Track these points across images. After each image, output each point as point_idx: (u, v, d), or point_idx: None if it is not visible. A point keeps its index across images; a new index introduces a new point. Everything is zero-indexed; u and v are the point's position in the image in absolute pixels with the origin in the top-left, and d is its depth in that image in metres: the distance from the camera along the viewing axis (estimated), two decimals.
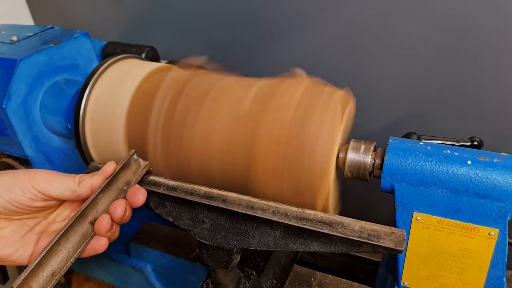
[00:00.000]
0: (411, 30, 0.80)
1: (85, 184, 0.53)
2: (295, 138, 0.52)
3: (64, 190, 0.52)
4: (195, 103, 0.57)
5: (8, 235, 0.52)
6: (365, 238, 0.46)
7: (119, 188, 0.56)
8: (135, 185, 0.56)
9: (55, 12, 1.20)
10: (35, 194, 0.51)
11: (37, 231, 0.54)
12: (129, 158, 0.58)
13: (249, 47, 0.98)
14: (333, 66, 0.90)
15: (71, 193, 0.53)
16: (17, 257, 0.51)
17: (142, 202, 0.55)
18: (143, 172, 0.58)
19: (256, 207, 0.52)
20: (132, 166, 0.58)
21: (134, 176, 0.57)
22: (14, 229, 0.52)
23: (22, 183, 0.51)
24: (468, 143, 0.60)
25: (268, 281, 0.69)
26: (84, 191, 0.53)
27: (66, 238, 0.50)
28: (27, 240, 0.52)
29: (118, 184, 0.56)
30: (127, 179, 0.57)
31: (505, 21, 0.73)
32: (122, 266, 1.03)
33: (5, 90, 0.71)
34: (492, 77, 0.78)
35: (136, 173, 0.58)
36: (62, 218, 0.56)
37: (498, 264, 0.52)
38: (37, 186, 0.51)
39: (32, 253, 0.52)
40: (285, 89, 0.56)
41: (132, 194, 0.55)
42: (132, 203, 0.55)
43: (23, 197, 0.51)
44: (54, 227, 0.55)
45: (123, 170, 0.57)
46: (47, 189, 0.51)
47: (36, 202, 0.52)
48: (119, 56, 0.70)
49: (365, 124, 0.91)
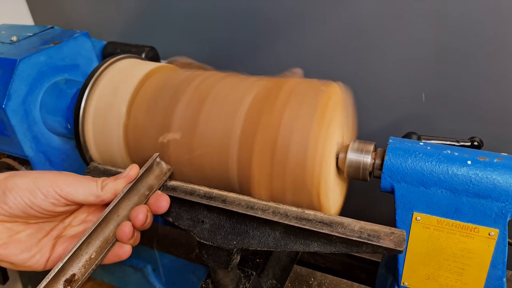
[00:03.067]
0: (411, 30, 0.80)
1: (109, 189, 0.51)
2: (285, 140, 0.51)
3: (88, 195, 0.50)
4: (195, 103, 0.57)
5: (25, 240, 0.49)
6: (365, 238, 0.47)
7: (141, 193, 0.54)
8: (157, 191, 0.55)
9: (55, 12, 1.20)
10: (58, 199, 0.49)
11: (54, 235, 0.52)
12: (152, 161, 0.56)
13: (249, 47, 0.98)
14: (333, 66, 0.90)
15: (95, 198, 0.50)
16: (33, 262, 0.49)
17: (165, 209, 0.53)
18: (166, 176, 0.56)
19: (256, 207, 0.52)
20: (155, 170, 0.56)
21: (157, 181, 0.56)
22: (31, 233, 0.50)
23: (45, 187, 0.48)
24: (468, 143, 0.60)
25: (268, 281, 0.69)
26: (108, 195, 0.51)
27: (87, 243, 0.48)
28: (43, 245, 0.50)
29: (140, 188, 0.54)
30: (150, 183, 0.55)
31: (505, 21, 0.73)
32: (122, 266, 1.03)
33: (5, 90, 0.71)
34: (492, 77, 0.78)
35: (158, 177, 0.56)
36: (78, 221, 0.54)
37: (498, 264, 0.52)
38: (60, 191, 0.49)
39: (49, 259, 0.50)
40: (279, 90, 0.55)
41: (155, 201, 0.53)
42: (155, 210, 0.53)
43: (45, 201, 0.48)
44: (70, 231, 0.53)
45: (146, 174, 0.55)
46: (70, 194, 0.49)
47: (59, 207, 0.50)
48: (119, 56, 0.70)
49: (365, 124, 0.91)
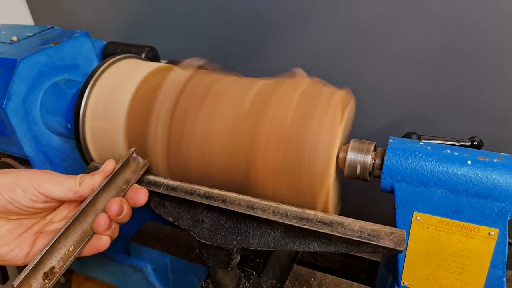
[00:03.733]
0: (411, 30, 0.80)
1: (86, 184, 0.53)
2: (295, 138, 0.52)
3: (66, 191, 0.52)
4: (195, 104, 0.58)
5: (4, 234, 0.51)
6: (365, 238, 0.47)
7: (119, 187, 0.55)
8: (136, 185, 0.56)
9: (55, 12, 1.20)
10: (36, 195, 0.51)
11: (34, 231, 0.54)
12: (128, 156, 0.57)
13: (249, 47, 0.98)
14: (333, 66, 0.90)
15: (73, 194, 0.52)
16: (12, 256, 0.51)
17: (143, 202, 0.55)
18: (143, 171, 0.58)
19: (256, 207, 0.52)
20: (131, 165, 0.58)
21: (134, 175, 0.57)
22: (11, 228, 0.52)
23: (24, 184, 0.50)
24: (468, 143, 0.60)
25: (268, 281, 0.69)
26: (86, 191, 0.53)
27: (66, 236, 0.50)
28: (23, 240, 0.52)
29: (118, 182, 0.55)
30: (127, 177, 0.57)
31: (505, 21, 0.73)
32: (122, 266, 1.03)
33: (5, 90, 0.71)
34: (492, 77, 0.78)
35: (135, 171, 0.57)
36: (59, 218, 0.56)
37: (498, 264, 0.52)
38: (39, 187, 0.51)
39: (28, 253, 0.52)
40: (285, 90, 0.56)
41: (133, 194, 0.55)
42: (134, 203, 0.54)
43: (24, 198, 0.50)
44: (51, 227, 0.55)
45: (122, 168, 0.56)
46: (49, 191, 0.51)
47: (38, 203, 0.52)
48: (119, 56, 0.70)
49: (365, 124, 0.91)
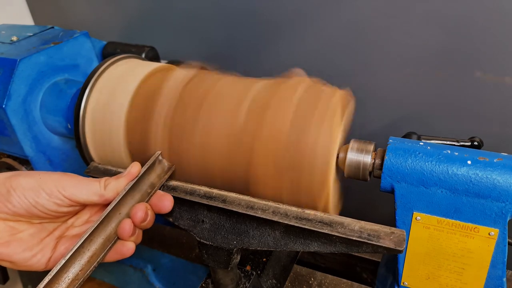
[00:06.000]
0: (411, 30, 0.80)
1: (111, 188, 0.51)
2: (295, 139, 0.52)
3: (91, 195, 0.51)
4: (196, 104, 0.58)
5: (27, 239, 0.50)
6: (365, 238, 0.47)
7: (143, 190, 0.54)
8: (159, 191, 0.55)
9: (55, 12, 1.20)
10: (61, 199, 0.49)
11: (56, 235, 0.52)
12: (154, 159, 0.56)
13: (249, 47, 0.98)
14: (333, 66, 0.90)
15: (98, 198, 0.51)
16: (34, 262, 0.50)
17: (169, 209, 0.54)
18: (168, 175, 0.57)
19: (256, 207, 0.52)
20: (156, 168, 0.57)
21: (159, 179, 0.56)
22: (33, 232, 0.50)
23: (49, 188, 0.49)
24: (468, 143, 0.60)
25: (268, 281, 0.69)
26: (111, 194, 0.51)
27: (90, 241, 0.48)
28: (45, 245, 0.51)
29: (143, 186, 0.54)
30: (152, 181, 0.55)
31: (505, 21, 0.73)
32: (122, 266, 1.03)
33: (5, 90, 0.71)
34: (492, 77, 0.78)
35: (160, 175, 0.56)
36: (81, 222, 0.55)
37: (498, 264, 0.52)
38: (64, 191, 0.49)
39: (50, 258, 0.50)
40: (284, 90, 0.56)
41: (158, 200, 0.54)
42: (159, 209, 0.53)
43: (49, 201, 0.49)
44: (72, 231, 0.54)
45: (148, 172, 0.55)
46: (74, 195, 0.50)
47: (62, 207, 0.50)
48: (119, 56, 0.70)
49: (365, 124, 0.91)
